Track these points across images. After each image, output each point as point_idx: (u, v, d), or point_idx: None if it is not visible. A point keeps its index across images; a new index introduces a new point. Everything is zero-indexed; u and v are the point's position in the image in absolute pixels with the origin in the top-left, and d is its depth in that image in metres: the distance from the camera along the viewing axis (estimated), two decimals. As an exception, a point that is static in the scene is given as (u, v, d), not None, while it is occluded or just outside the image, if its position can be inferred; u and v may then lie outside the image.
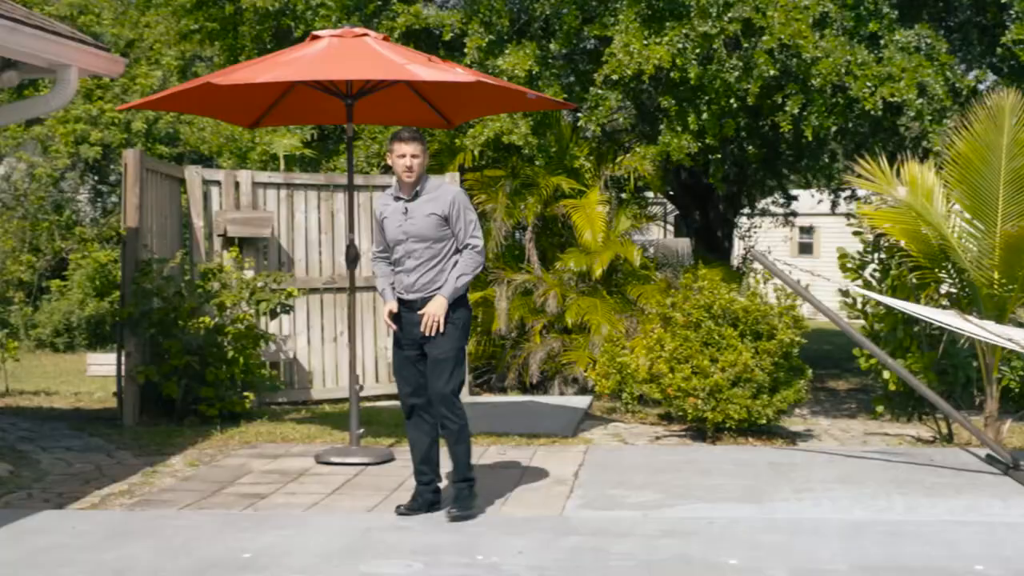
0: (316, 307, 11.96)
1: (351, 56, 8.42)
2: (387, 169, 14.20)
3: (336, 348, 11.94)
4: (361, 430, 8.93)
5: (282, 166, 14.65)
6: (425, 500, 7.11)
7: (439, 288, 6.94)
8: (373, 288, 11.99)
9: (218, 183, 11.54)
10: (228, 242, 11.34)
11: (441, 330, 6.86)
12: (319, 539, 6.52)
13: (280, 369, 11.63)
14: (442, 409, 6.96)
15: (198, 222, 11.37)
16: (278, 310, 10.81)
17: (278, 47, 12.47)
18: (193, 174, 11.48)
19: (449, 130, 12.06)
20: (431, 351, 6.95)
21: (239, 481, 8.07)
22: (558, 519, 7.01)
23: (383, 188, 12.26)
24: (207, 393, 10.27)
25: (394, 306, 7.05)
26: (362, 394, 10.14)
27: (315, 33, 8.87)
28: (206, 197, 11.47)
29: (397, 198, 7.12)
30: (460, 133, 12.84)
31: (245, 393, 10.56)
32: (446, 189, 7.16)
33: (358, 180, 12.18)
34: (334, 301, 12.00)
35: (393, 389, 12.04)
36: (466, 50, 12.38)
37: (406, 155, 6.99)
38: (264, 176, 12.01)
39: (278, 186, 11.89)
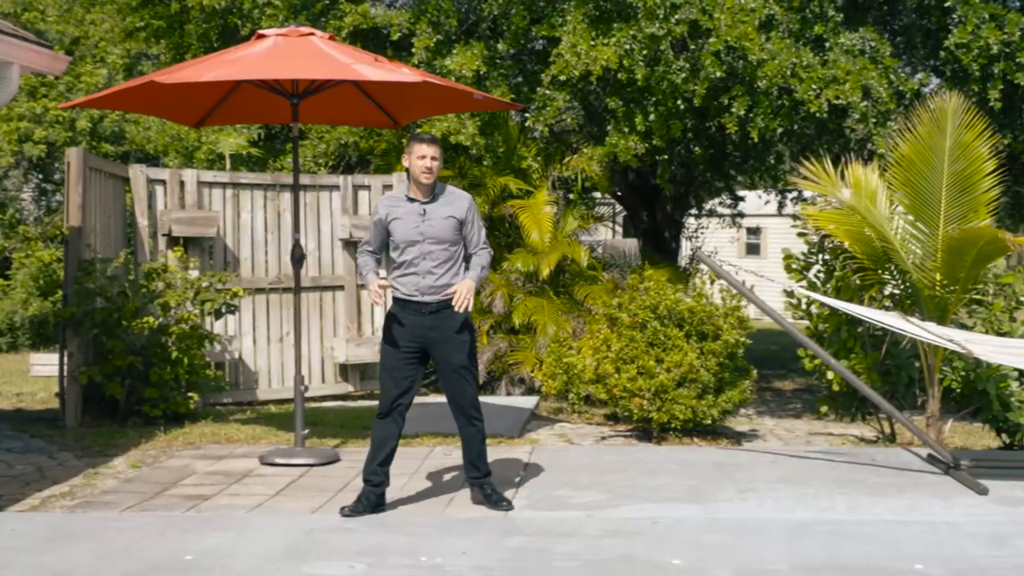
0: (262, 307, 11.89)
1: (297, 55, 8.38)
2: (334, 169, 14.18)
3: (282, 348, 11.88)
4: (306, 431, 8.88)
5: (228, 165, 14.56)
6: (370, 502, 7.10)
7: (453, 289, 7.04)
8: (319, 288, 12.05)
9: (163, 182, 11.46)
10: (173, 242, 11.26)
11: (469, 308, 6.98)
12: (262, 541, 6.48)
13: (225, 370, 11.55)
14: (472, 411, 7.24)
15: (143, 221, 11.28)
16: (223, 310, 10.74)
17: (224, 46, 12.40)
18: (138, 173, 11.38)
19: (396, 130, 12.03)
20: (452, 360, 7.14)
21: (182, 482, 8.01)
22: (503, 519, 7.01)
23: (331, 188, 12.26)
24: (151, 394, 10.19)
25: (382, 281, 7.07)
26: (308, 395, 10.09)
27: (260, 32, 8.82)
28: (151, 196, 11.38)
29: (411, 199, 7.15)
30: (408, 133, 12.80)
31: (189, 394, 10.48)
32: (460, 194, 7.28)
33: (305, 180, 12.14)
34: (280, 301, 11.93)
35: (339, 390, 12.10)
36: (414, 50, 12.37)
37: (427, 156, 7.06)
38: (210, 175, 11.93)
39: (224, 185, 11.81)
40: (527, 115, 12.61)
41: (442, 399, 12.06)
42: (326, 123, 13.07)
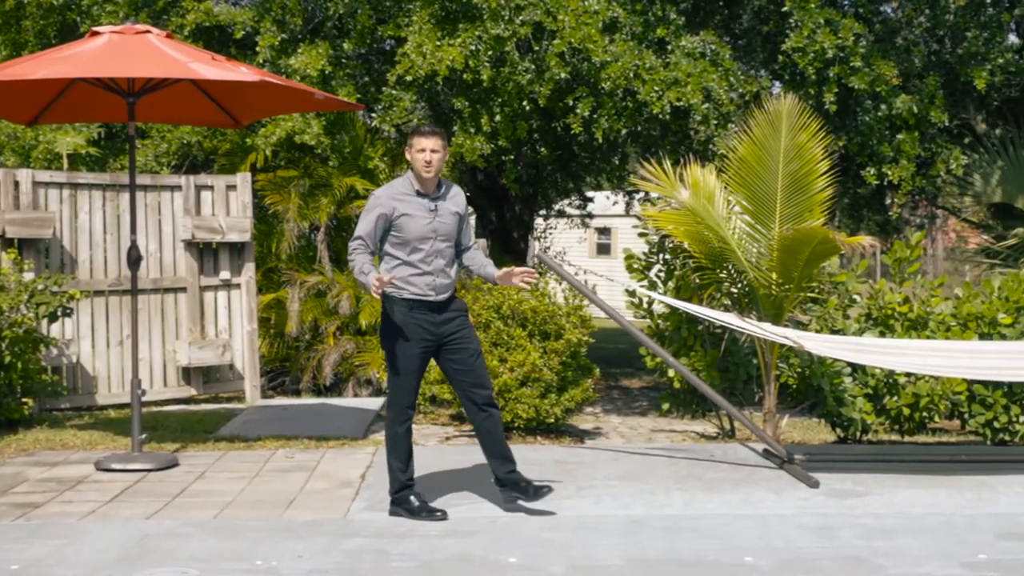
0: (101, 310, 11.62)
1: (132, 53, 8.23)
2: (177, 168, 13.92)
3: (122, 352, 11.62)
4: (143, 436, 8.70)
5: (66, 165, 14.20)
6: (425, 501, 7.13)
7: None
8: (160, 290, 11.84)
9: (-4, 182, 11.15)
10: (7, 243, 10.95)
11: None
12: (94, 548, 6.35)
13: (63, 374, 11.26)
14: (490, 395, 7.22)
15: (-25, 223, 10.96)
16: (58, 313, 10.48)
17: (63, 43, 12.08)
18: (-31, 173, 11.06)
19: (240, 129, 11.88)
20: (471, 346, 7.14)
21: (12, 490, 7.80)
22: (341, 522, 6.98)
23: (173, 188, 12.04)
24: (-19, 400, 9.91)
25: (386, 276, 6.85)
26: (150, 399, 9.94)
27: (95, 29, 8.64)
28: (-16, 196, 11.06)
29: (420, 193, 6.99)
30: (252, 132, 12.66)
31: (23, 399, 10.20)
32: (458, 190, 7.23)
33: (145, 180, 11.93)
34: (120, 303, 11.67)
35: (182, 393, 11.90)
36: (258, 48, 12.22)
37: (426, 149, 6.92)
38: (46, 175, 11.61)
39: (61, 185, 11.52)
40: (374, 115, 12.55)
41: (286, 401, 12.10)
42: (166, 122, 12.82)
